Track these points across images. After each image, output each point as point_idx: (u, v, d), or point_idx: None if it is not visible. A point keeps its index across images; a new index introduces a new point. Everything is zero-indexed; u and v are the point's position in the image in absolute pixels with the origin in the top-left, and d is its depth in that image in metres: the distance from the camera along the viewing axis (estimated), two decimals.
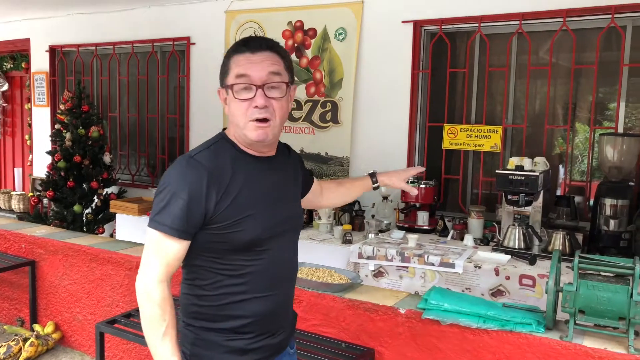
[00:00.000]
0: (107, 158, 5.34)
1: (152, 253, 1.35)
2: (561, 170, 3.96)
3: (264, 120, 1.36)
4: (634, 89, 3.62)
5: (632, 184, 3.37)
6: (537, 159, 3.42)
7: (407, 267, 3.20)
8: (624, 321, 1.75)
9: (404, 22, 4.13)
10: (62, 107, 5.32)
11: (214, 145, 1.42)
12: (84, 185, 5.19)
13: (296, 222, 1.55)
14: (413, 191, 1.91)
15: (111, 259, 3.06)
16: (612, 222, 3.17)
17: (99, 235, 4.90)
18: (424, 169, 2.03)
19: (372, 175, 1.86)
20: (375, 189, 1.89)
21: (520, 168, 3.23)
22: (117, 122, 5.88)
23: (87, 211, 5.23)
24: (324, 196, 1.83)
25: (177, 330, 1.42)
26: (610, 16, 3.48)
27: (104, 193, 5.28)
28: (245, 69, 1.35)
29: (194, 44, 5.21)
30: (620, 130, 3.59)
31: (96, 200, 5.27)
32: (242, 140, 1.42)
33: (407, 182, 1.87)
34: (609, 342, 1.79)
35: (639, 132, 3.55)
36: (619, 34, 3.52)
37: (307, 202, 1.77)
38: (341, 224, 3.85)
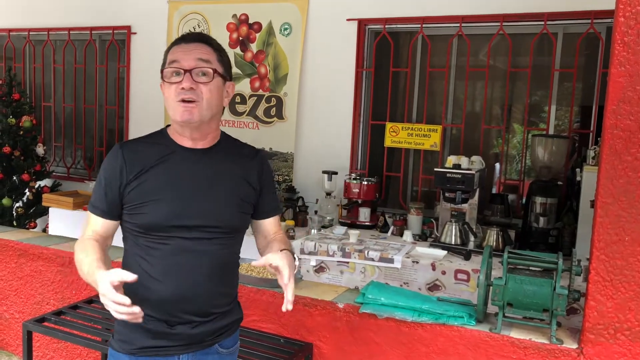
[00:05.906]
0: (40, 149, 5.09)
1: (85, 221, 1.56)
2: (497, 168, 4.12)
3: (190, 101, 1.44)
4: (565, 93, 3.81)
5: (561, 183, 3.55)
6: (474, 157, 3.54)
7: (347, 263, 3.24)
8: (547, 313, 1.84)
9: (348, 19, 4.17)
10: None
11: (148, 137, 1.56)
12: (15, 178, 4.95)
13: (216, 218, 1.49)
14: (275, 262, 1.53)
15: (42, 255, 2.93)
16: (541, 219, 3.33)
17: (30, 230, 4.69)
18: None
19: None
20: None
21: (457, 166, 3.34)
22: (52, 112, 5.62)
23: (17, 205, 4.98)
24: (259, 239, 1.75)
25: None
26: (543, 23, 3.64)
27: (36, 186, 5.04)
28: (177, 56, 1.46)
29: (134, 33, 5.05)
30: (552, 132, 3.78)
31: (28, 193, 5.02)
32: (175, 127, 1.51)
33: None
34: (533, 333, 1.88)
35: (567, 134, 3.74)
36: (551, 40, 3.70)
37: (253, 225, 1.70)
38: (284, 220, 3.85)
